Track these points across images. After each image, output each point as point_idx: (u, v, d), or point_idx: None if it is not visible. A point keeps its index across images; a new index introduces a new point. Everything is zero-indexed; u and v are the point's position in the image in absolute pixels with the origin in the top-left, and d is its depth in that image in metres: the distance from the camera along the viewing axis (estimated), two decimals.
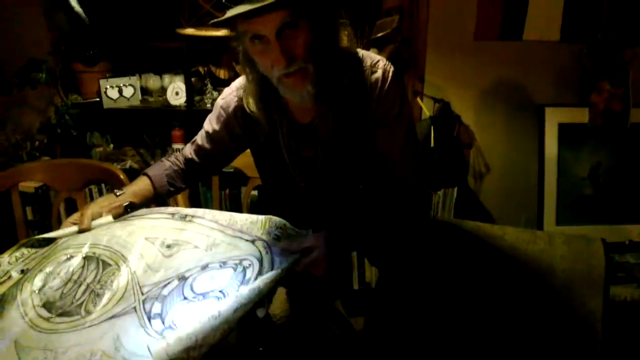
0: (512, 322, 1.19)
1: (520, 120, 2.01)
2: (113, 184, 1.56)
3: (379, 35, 1.84)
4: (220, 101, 1.15)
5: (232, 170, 1.59)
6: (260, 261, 0.88)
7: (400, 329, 1.10)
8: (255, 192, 1.58)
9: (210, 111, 1.18)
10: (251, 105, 1.04)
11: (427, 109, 1.95)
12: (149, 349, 0.66)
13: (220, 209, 1.23)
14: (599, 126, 1.76)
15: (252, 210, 1.31)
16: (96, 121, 2.16)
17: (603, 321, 1.20)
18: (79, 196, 1.59)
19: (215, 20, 0.93)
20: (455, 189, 1.94)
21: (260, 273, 0.85)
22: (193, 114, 1.98)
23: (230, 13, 0.88)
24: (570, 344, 1.20)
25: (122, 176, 1.55)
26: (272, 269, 0.85)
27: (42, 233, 0.98)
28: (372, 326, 1.10)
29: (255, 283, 0.79)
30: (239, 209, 1.57)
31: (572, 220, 1.86)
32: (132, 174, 1.45)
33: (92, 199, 1.95)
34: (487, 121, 2.04)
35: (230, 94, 1.12)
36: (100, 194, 1.97)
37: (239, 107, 1.09)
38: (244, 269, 0.86)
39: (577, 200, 1.89)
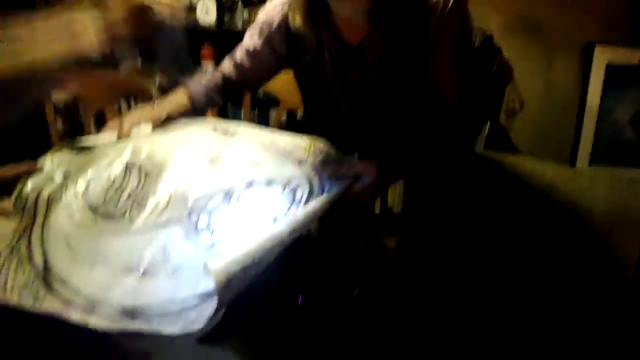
0: (545, 259, 1.20)
1: (563, 57, 1.90)
2: (144, 99, 1.54)
3: None
4: (262, 16, 1.09)
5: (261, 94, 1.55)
6: (310, 184, 0.87)
7: (432, 253, 1.11)
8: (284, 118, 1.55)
9: (240, 33, 1.14)
10: (297, 21, 0.99)
11: None
12: (206, 267, 0.65)
13: None
14: None
15: None
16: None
17: (638, 267, 1.20)
18: (110, 109, 1.58)
19: None
20: (488, 123, 1.88)
21: (311, 196, 0.84)
22: (223, 34, 1.92)
23: None
24: (603, 286, 1.20)
25: (154, 91, 1.53)
26: (322, 194, 0.85)
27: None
28: (404, 246, 1.10)
29: (309, 206, 0.79)
30: None
31: (608, 163, 1.80)
32: (161, 92, 1.44)
33: (121, 113, 1.94)
34: (527, 56, 1.94)
35: (275, 9, 1.06)
36: (130, 109, 1.96)
37: (284, 23, 1.04)
38: (293, 191, 0.85)
39: (615, 145, 1.82)
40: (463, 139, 1.11)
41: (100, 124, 1.64)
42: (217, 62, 1.93)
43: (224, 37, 1.89)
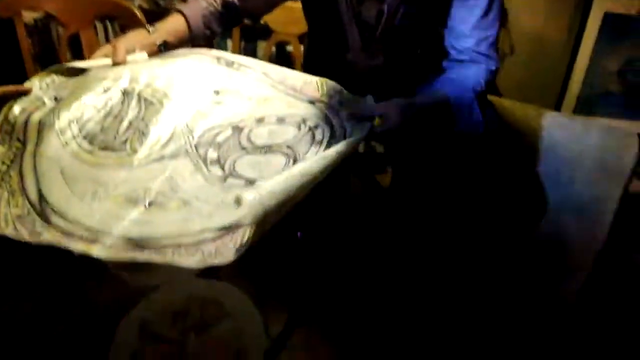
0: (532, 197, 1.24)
1: (562, 2, 1.87)
2: (126, 22, 1.44)
3: None
4: None
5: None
6: (331, 126, 0.82)
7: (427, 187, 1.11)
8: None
9: None
10: None
11: None
12: (238, 200, 0.63)
13: None
14: None
15: None
16: None
17: (616, 213, 1.24)
18: (86, 32, 1.48)
19: None
20: None
21: (333, 137, 0.79)
22: None
23: None
24: (583, 227, 1.26)
25: (138, 13, 1.43)
26: (344, 136, 0.80)
27: (48, 67, 0.89)
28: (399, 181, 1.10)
29: (339, 146, 0.74)
30: None
31: (591, 114, 1.83)
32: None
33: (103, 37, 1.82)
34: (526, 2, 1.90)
35: None
36: (107, 32, 1.83)
37: None
38: (311, 130, 0.80)
39: (601, 95, 1.85)
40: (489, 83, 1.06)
41: (76, 48, 1.54)
42: None
43: None
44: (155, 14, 1.18)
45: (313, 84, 0.88)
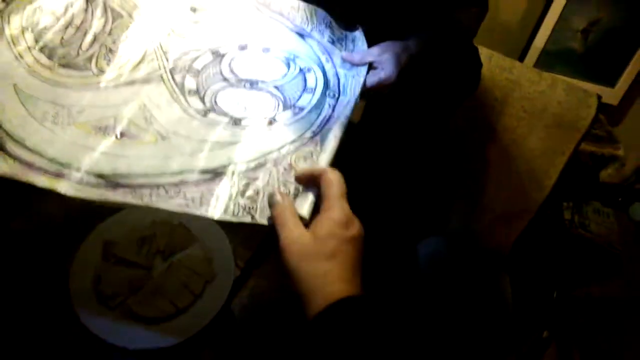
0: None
1: None
2: None
3: None
4: None
5: None
6: (324, 71, 0.76)
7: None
8: None
9: None
10: None
11: None
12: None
13: None
14: None
15: None
16: None
17: (566, 164, 1.33)
18: None
19: None
20: None
21: (326, 86, 0.73)
22: None
23: None
24: (532, 176, 1.33)
25: None
26: (338, 87, 0.73)
27: None
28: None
29: (347, 107, 0.68)
30: None
31: (551, 69, 1.88)
32: None
33: None
34: None
35: None
36: None
37: None
38: (302, 72, 0.75)
39: (563, 53, 1.89)
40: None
41: None
42: None
43: None
44: None
45: (301, 12, 0.82)
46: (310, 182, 0.53)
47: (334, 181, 0.50)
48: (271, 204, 0.51)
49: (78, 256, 0.80)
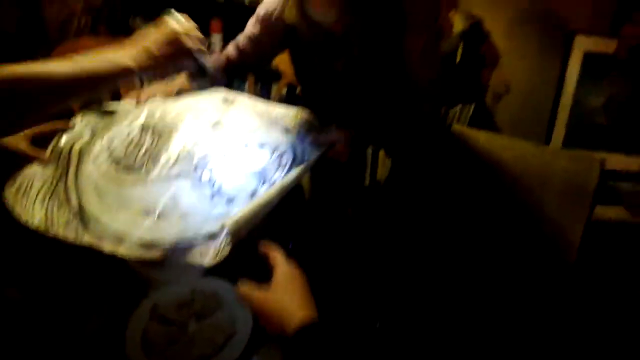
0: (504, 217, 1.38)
1: (549, 45, 2.03)
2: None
3: None
4: (262, 8, 1.26)
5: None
6: (294, 152, 1.05)
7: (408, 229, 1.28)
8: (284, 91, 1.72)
9: (247, 7, 1.29)
10: (293, 15, 1.14)
11: (459, 24, 2.00)
12: (226, 224, 0.84)
13: None
14: (623, 59, 1.80)
15: None
16: (140, 6, 2.25)
17: (584, 230, 1.37)
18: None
19: None
20: (473, 105, 2.04)
21: (294, 162, 1.02)
22: (231, 8, 2.05)
23: None
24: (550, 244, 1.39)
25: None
26: (304, 158, 1.03)
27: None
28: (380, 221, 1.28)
29: (294, 171, 0.98)
30: None
31: (578, 146, 1.96)
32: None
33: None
34: (515, 43, 2.07)
35: (273, 2, 1.23)
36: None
37: (281, 15, 1.19)
38: (280, 156, 1.03)
39: (587, 128, 1.97)
40: (433, 112, 1.27)
41: (114, 97, 1.82)
42: (225, 35, 2.08)
43: (232, 11, 2.03)
44: None
45: (291, 115, 1.13)
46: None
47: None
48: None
49: (132, 318, 1.02)
